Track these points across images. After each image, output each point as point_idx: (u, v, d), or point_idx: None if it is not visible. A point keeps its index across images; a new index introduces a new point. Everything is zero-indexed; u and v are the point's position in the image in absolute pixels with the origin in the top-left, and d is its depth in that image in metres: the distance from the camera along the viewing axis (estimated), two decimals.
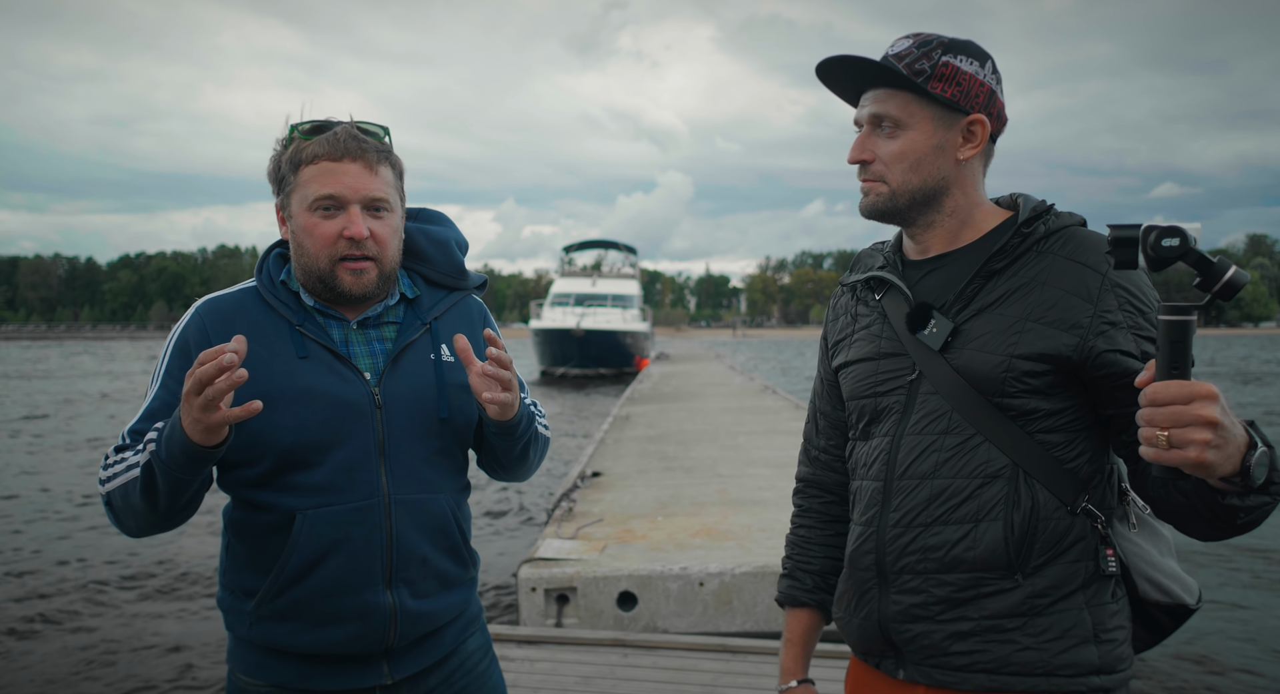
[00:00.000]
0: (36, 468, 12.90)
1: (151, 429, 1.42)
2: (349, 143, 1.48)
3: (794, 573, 1.59)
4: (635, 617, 4.83)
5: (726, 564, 4.93)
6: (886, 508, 1.37)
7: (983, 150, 1.37)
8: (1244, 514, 1.10)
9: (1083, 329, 1.26)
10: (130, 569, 7.51)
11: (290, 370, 1.48)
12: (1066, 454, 1.29)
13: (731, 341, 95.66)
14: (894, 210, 1.39)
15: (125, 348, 75.55)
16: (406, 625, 1.53)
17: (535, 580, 4.86)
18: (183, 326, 1.53)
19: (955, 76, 1.32)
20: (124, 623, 6.19)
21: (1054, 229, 1.34)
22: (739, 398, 16.91)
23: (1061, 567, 1.29)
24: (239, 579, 1.53)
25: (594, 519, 6.22)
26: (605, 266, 46.06)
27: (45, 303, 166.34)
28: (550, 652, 4.25)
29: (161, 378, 1.50)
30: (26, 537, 8.70)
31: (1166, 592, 1.36)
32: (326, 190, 1.47)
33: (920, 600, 1.33)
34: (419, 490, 1.54)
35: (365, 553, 1.48)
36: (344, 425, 1.48)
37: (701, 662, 4.08)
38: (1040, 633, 1.27)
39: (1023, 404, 1.28)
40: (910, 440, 1.35)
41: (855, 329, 1.49)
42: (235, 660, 1.57)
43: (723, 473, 8.23)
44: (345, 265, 1.49)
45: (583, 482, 7.77)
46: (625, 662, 4.12)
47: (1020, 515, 1.27)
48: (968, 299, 1.34)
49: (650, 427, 12.39)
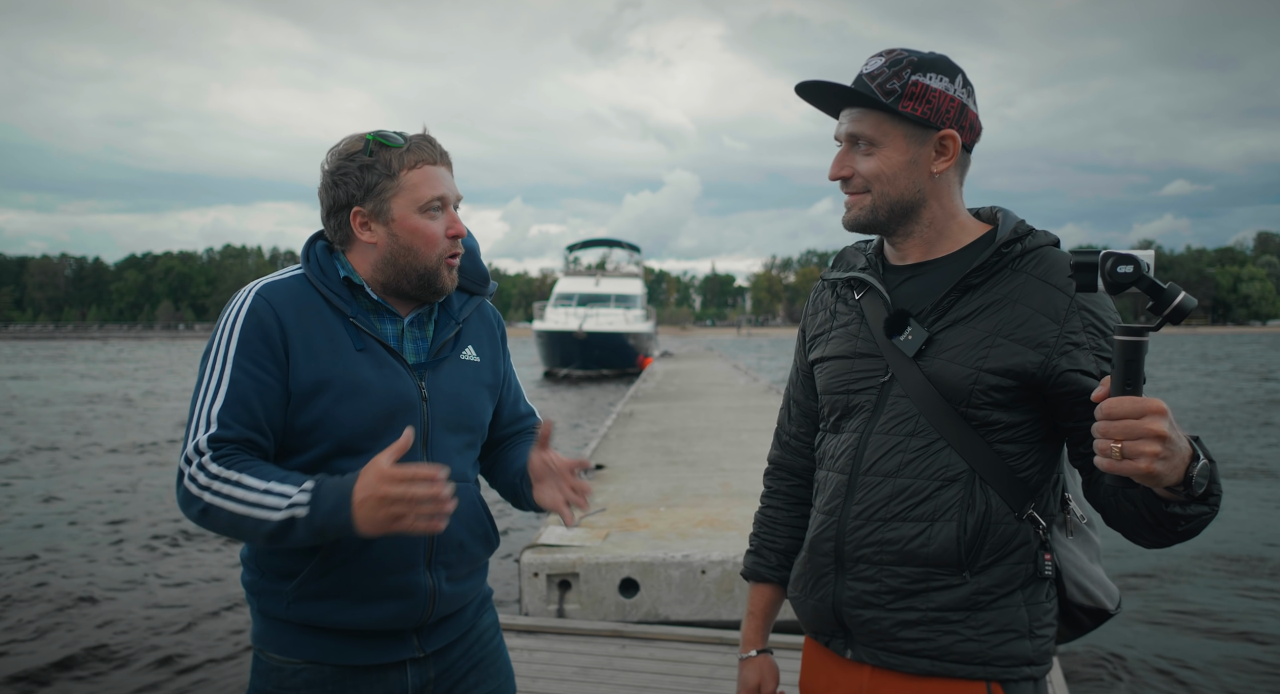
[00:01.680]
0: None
1: (298, 487, 1.39)
2: (439, 149, 1.59)
3: (759, 550, 1.69)
4: (637, 604, 4.88)
5: (729, 552, 4.98)
6: (850, 500, 1.45)
7: (956, 162, 1.44)
8: (1184, 522, 1.19)
9: (1048, 348, 1.34)
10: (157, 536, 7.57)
11: (349, 362, 1.54)
12: (1021, 464, 1.39)
13: (736, 340, 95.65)
14: (874, 223, 1.47)
15: (144, 349, 75.68)
16: (442, 605, 1.63)
17: (538, 566, 4.92)
18: (247, 310, 1.52)
19: (925, 94, 1.39)
20: (139, 607, 6.27)
21: (1029, 249, 1.41)
22: (743, 397, 16.94)
23: (1005, 567, 1.39)
24: (275, 562, 1.56)
25: (597, 508, 6.29)
26: (610, 265, 46.07)
27: (52, 303, 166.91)
28: (549, 641, 4.29)
29: (234, 360, 1.48)
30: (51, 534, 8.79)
31: (1091, 597, 1.48)
32: (437, 192, 1.57)
33: (873, 588, 1.42)
34: (455, 479, 1.60)
35: (409, 537, 1.54)
36: (396, 417, 1.55)
37: (699, 654, 4.12)
38: (982, 626, 1.38)
39: (985, 415, 1.37)
40: (878, 439, 1.44)
41: (833, 326, 1.56)
42: (266, 641, 1.59)
43: (726, 467, 8.29)
44: (448, 262, 1.61)
45: (586, 473, 7.83)
46: (623, 653, 4.16)
47: (974, 518, 1.37)
48: (943, 310, 1.42)
49: (654, 423, 12.44)
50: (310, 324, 1.53)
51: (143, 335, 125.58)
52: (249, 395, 1.47)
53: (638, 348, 34.76)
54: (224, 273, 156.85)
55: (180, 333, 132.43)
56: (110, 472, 12.28)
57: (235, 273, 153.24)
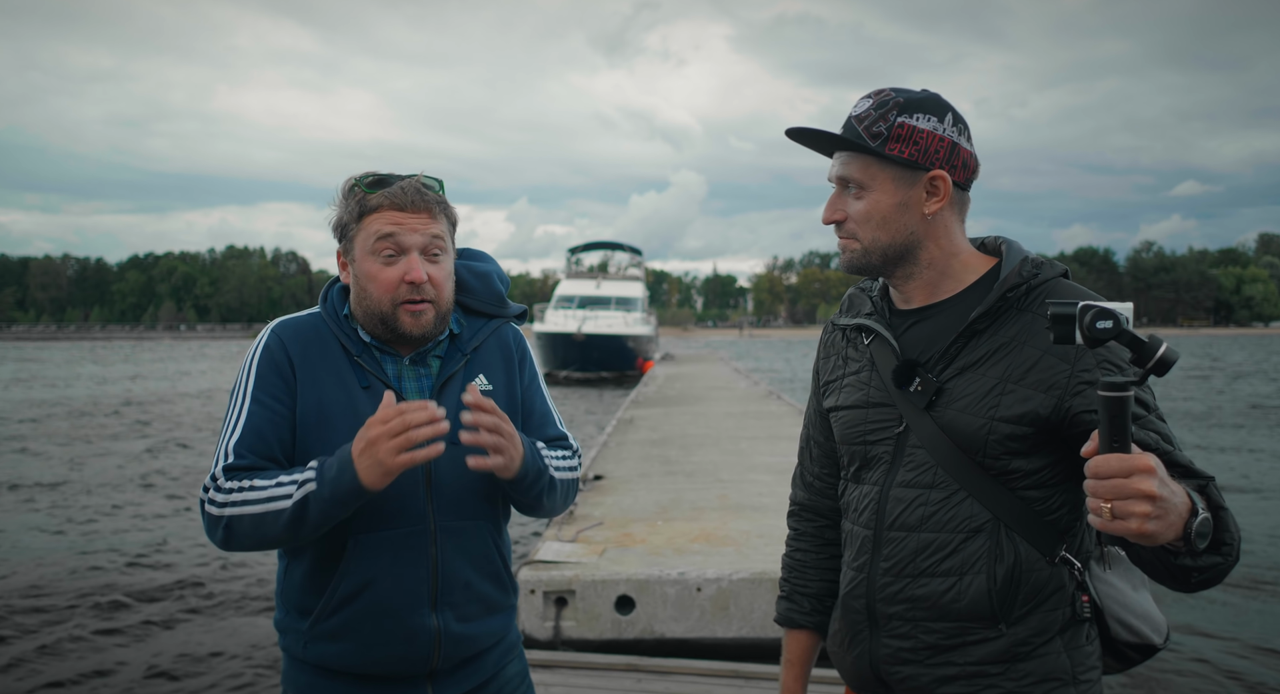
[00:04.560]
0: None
1: (303, 470, 1.48)
2: (412, 195, 1.59)
3: (791, 596, 1.66)
4: (633, 621, 4.91)
5: (724, 570, 5.00)
6: (877, 556, 1.43)
7: (950, 200, 1.42)
8: (1197, 573, 1.16)
9: (1060, 389, 1.31)
10: (191, 582, 7.44)
11: (353, 400, 1.59)
12: (1047, 508, 1.36)
13: (737, 341, 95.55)
14: (869, 266, 1.46)
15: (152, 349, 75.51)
16: (450, 647, 1.61)
17: (534, 582, 4.94)
18: (264, 347, 1.62)
19: (912, 136, 1.38)
20: (182, 640, 6.12)
21: (1035, 284, 1.39)
22: (743, 402, 16.96)
23: (1041, 615, 1.36)
24: (296, 599, 1.61)
25: (594, 522, 6.30)
26: (611, 268, 46.04)
27: (55, 303, 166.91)
28: (563, 676, 4.23)
29: (251, 394, 1.58)
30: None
31: (1136, 632, 1.43)
32: (390, 236, 1.58)
33: (910, 645, 1.40)
34: (463, 518, 1.63)
35: (412, 577, 1.58)
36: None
37: (715, 688, 4.07)
38: (1023, 677, 1.35)
39: (1004, 464, 1.35)
40: (898, 492, 1.42)
41: (845, 373, 1.55)
42: (289, 682, 1.65)
43: (723, 478, 8.31)
44: (406, 308, 1.60)
45: (584, 485, 7.86)
46: (639, 687, 4.11)
47: (1003, 568, 1.34)
48: (951, 357, 1.39)
49: (653, 430, 12.46)
50: (317, 360, 1.60)
51: (145, 336, 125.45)
52: (263, 427, 1.55)
53: (637, 350, 34.72)
54: (227, 273, 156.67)
55: (182, 333, 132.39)
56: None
57: (238, 273, 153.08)
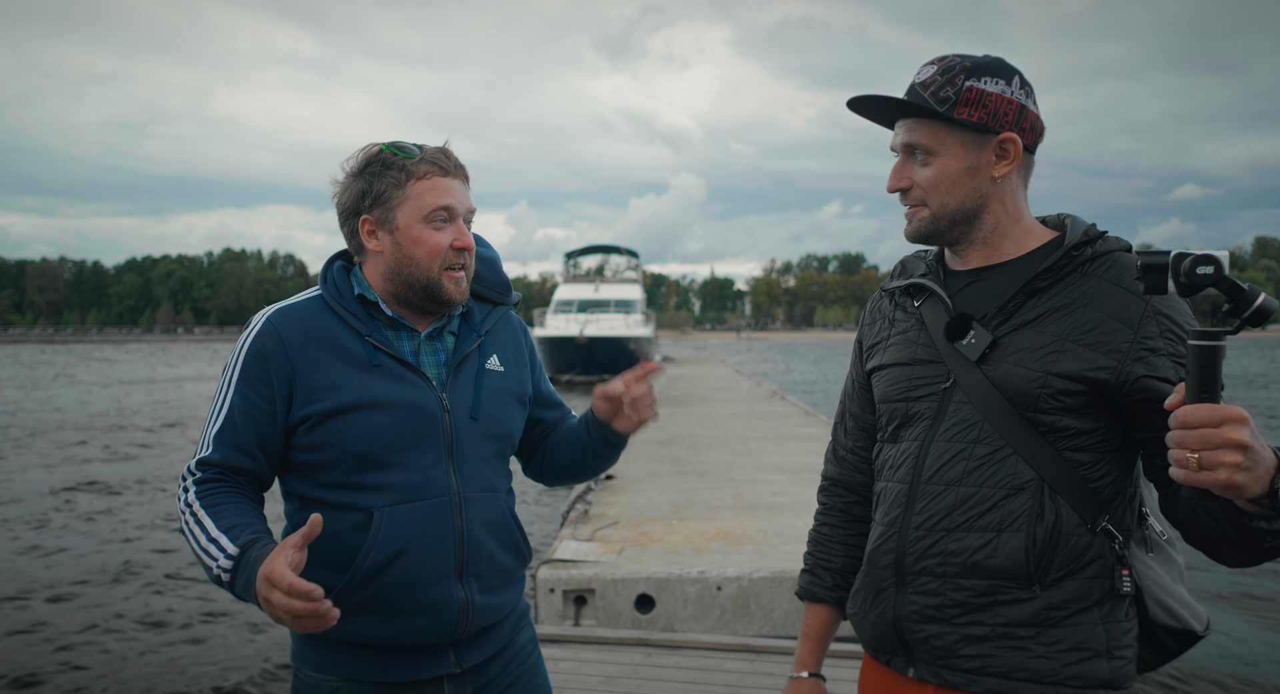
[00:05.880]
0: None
1: (235, 544, 1.39)
2: (456, 160, 1.60)
3: (814, 569, 1.64)
4: (653, 620, 4.86)
5: (744, 569, 4.96)
6: (910, 510, 1.39)
7: (1019, 164, 1.40)
8: (1271, 538, 1.12)
9: (1121, 354, 1.28)
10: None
11: (364, 379, 1.56)
12: (1092, 473, 1.32)
13: (735, 344, 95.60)
14: (937, 232, 1.43)
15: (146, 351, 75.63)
16: (475, 617, 1.61)
17: (554, 581, 4.90)
18: (254, 336, 1.57)
19: (981, 99, 1.36)
20: (181, 623, 6.22)
21: (1100, 252, 1.36)
22: (748, 403, 16.93)
23: (1079, 582, 1.32)
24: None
25: (609, 521, 6.26)
26: (608, 271, 46.06)
27: (52, 306, 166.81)
28: (574, 651, 4.27)
29: (235, 385, 1.55)
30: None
31: (1176, 616, 1.39)
32: (443, 202, 1.57)
33: (937, 602, 1.36)
34: (483, 489, 1.64)
35: (440, 548, 1.57)
36: (418, 429, 1.57)
37: (725, 662, 4.10)
38: (1054, 643, 1.30)
39: (1055, 421, 1.31)
40: (940, 446, 1.38)
41: (891, 333, 1.52)
42: (303, 659, 1.61)
43: (735, 477, 8.27)
44: (449, 274, 1.60)
45: (596, 484, 7.81)
46: (649, 661, 4.13)
47: (1043, 529, 1.31)
48: (1009, 313, 1.37)
49: (660, 430, 12.41)
50: (319, 344, 1.56)
51: (142, 338, 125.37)
52: (242, 421, 1.53)
53: (639, 352, 34.70)
54: (224, 276, 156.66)
55: (179, 336, 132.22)
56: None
57: (235, 276, 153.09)
